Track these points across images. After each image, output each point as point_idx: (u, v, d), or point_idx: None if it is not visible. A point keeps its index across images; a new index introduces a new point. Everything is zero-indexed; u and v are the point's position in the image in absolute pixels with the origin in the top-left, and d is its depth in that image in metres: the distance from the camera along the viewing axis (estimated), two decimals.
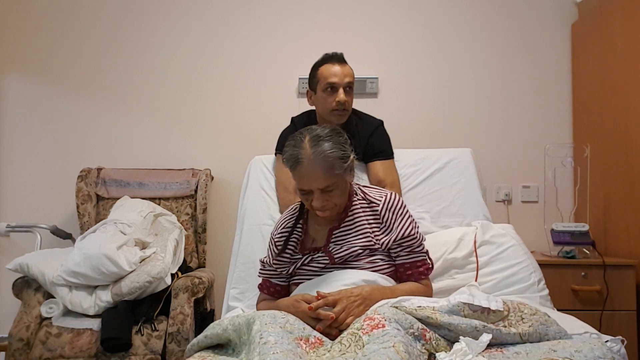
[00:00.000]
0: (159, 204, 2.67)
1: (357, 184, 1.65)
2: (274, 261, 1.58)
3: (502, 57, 2.95)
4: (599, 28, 2.68)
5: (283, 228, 1.61)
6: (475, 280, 1.76)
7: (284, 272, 1.59)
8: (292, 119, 2.21)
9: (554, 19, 2.95)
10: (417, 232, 1.55)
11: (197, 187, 2.72)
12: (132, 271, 2.16)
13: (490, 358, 1.14)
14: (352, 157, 1.49)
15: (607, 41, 2.60)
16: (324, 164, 1.41)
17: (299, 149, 1.43)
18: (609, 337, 1.22)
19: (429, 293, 1.53)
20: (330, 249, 1.53)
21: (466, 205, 2.06)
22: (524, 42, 2.95)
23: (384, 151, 2.08)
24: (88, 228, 2.54)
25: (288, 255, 1.59)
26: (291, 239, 1.59)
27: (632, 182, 2.41)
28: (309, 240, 1.59)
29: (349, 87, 1.98)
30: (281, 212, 2.04)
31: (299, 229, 1.60)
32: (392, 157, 2.10)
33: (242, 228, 2.07)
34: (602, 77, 2.64)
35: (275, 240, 1.60)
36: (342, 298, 1.35)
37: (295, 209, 1.64)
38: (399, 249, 1.52)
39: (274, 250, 1.59)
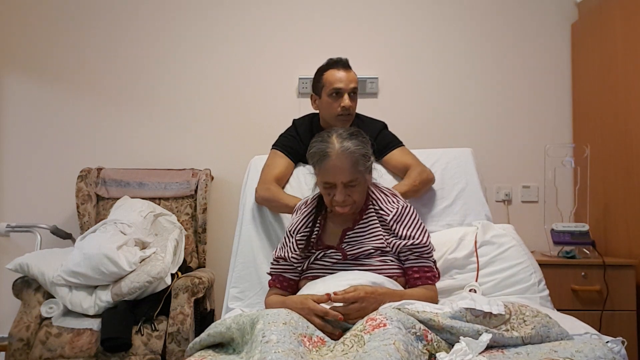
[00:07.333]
0: (159, 204, 2.67)
1: (376, 185, 1.70)
2: (293, 256, 1.61)
3: (502, 57, 2.95)
4: (599, 28, 2.68)
5: (305, 227, 1.64)
6: (476, 281, 1.76)
7: (299, 267, 1.63)
8: (294, 120, 2.20)
9: (554, 19, 2.95)
10: (428, 241, 1.57)
11: (197, 187, 2.71)
12: (132, 271, 2.16)
13: (491, 358, 1.14)
14: (372, 159, 1.59)
15: (607, 41, 2.60)
16: (350, 159, 1.49)
17: (327, 144, 1.51)
18: (609, 338, 1.22)
19: (435, 300, 1.54)
20: (343, 247, 1.59)
21: (468, 205, 2.06)
22: (524, 42, 2.95)
23: (393, 141, 2.12)
24: (88, 228, 2.54)
25: (305, 251, 1.63)
26: (311, 237, 1.64)
27: (632, 182, 2.41)
28: (324, 237, 1.64)
29: (353, 93, 2.01)
30: (259, 193, 2.01)
31: (318, 226, 1.65)
32: (403, 145, 2.13)
33: (242, 228, 2.06)
34: (602, 77, 2.64)
35: (298, 239, 1.63)
36: (365, 297, 1.35)
37: (312, 208, 1.68)
38: (408, 253, 1.56)
39: (293, 248, 1.62)
